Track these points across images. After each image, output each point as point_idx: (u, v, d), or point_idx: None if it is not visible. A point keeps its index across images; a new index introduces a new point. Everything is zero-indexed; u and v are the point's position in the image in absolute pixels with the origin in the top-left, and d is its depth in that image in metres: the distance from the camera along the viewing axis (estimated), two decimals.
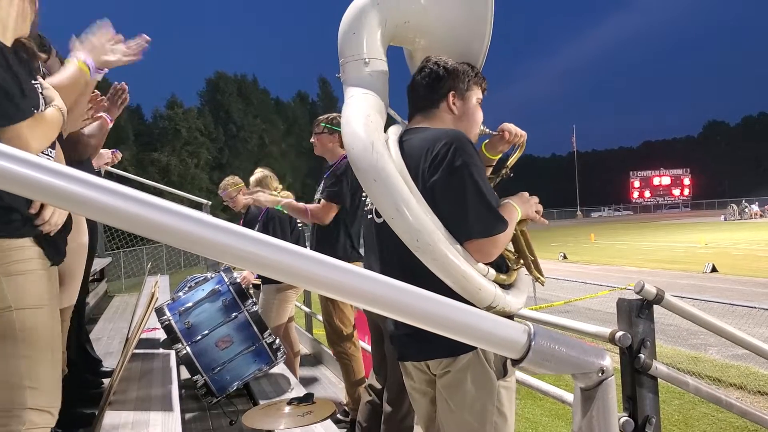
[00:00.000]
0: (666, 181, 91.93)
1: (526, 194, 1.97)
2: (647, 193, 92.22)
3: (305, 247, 3.23)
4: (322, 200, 3.86)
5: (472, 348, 1.76)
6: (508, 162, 2.12)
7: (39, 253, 1.80)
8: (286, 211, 4.03)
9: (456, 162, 1.73)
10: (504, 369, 1.81)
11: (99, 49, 2.10)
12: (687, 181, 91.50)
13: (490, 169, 2.15)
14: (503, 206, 1.87)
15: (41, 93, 1.84)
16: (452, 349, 1.78)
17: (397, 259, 1.79)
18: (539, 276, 1.99)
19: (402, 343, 1.97)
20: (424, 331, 0.89)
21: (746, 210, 49.79)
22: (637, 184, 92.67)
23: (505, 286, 1.84)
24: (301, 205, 3.94)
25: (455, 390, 1.82)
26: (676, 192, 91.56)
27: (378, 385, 3.18)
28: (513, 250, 1.96)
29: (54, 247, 1.87)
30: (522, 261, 1.94)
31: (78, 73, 2.05)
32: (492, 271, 1.77)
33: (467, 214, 1.71)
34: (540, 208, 1.99)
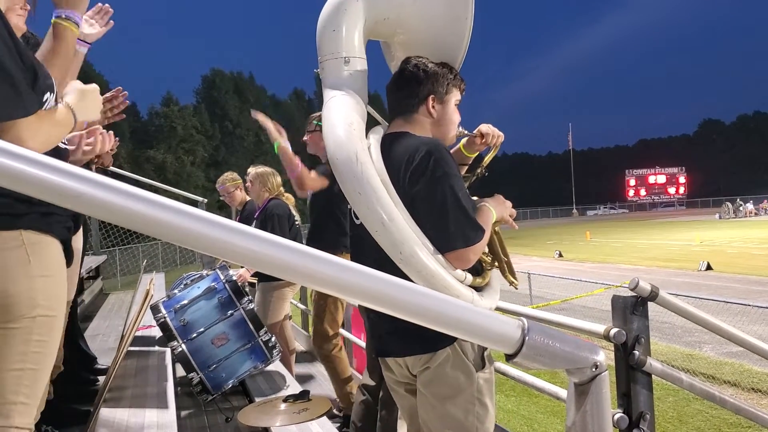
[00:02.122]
0: (661, 179, 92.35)
1: (501, 196, 2.01)
2: (643, 192, 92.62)
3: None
4: (313, 171, 3.65)
5: (450, 342, 1.79)
6: (484, 161, 2.16)
7: (63, 260, 1.70)
8: (278, 153, 3.46)
9: (437, 173, 1.74)
10: (482, 361, 1.84)
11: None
12: (682, 180, 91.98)
13: (466, 167, 2.19)
14: (480, 210, 1.89)
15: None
16: (430, 344, 1.81)
17: (375, 258, 1.73)
18: (513, 280, 2.02)
19: (383, 340, 1.99)
20: (405, 329, 0.89)
21: (741, 208, 50.01)
22: (632, 182, 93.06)
23: (480, 288, 1.87)
24: (297, 159, 3.53)
25: (436, 385, 1.83)
26: (672, 190, 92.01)
27: (372, 383, 3.18)
28: (488, 252, 1.98)
29: (68, 250, 1.79)
30: (497, 263, 1.97)
31: (66, 35, 1.69)
32: (469, 277, 1.80)
33: (448, 224, 1.73)
34: (513, 211, 2.02)
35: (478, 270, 1.89)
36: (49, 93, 1.55)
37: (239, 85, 66.42)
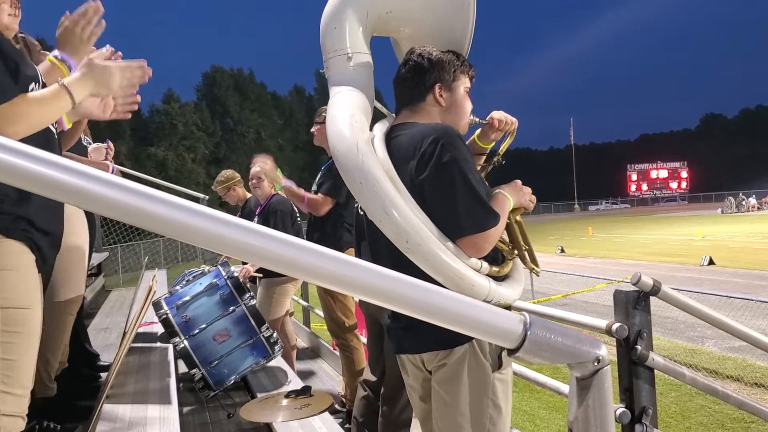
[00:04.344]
0: (663, 174, 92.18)
1: (519, 182, 1.94)
2: (645, 186, 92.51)
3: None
4: (320, 193, 3.89)
5: (467, 340, 1.75)
6: (500, 149, 2.09)
7: (30, 256, 1.74)
8: (283, 193, 4.08)
9: (444, 158, 1.70)
10: (499, 361, 1.80)
11: (103, 76, 1.70)
12: (684, 174, 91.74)
13: (483, 157, 2.13)
14: (495, 197, 1.84)
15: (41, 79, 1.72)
16: (447, 341, 1.77)
17: (388, 252, 1.74)
18: (534, 267, 1.95)
19: (398, 336, 1.96)
20: (420, 325, 0.89)
21: (743, 203, 49.93)
22: (634, 177, 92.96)
23: (500, 278, 1.81)
24: (301, 191, 4.02)
25: (451, 383, 1.80)
26: (674, 185, 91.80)
27: (373, 379, 3.19)
28: (507, 240, 1.92)
29: (43, 256, 1.80)
30: (516, 251, 1.90)
31: (54, 71, 1.80)
32: (485, 265, 1.74)
33: (457, 210, 1.69)
34: (533, 197, 1.97)
35: (497, 259, 1.83)
36: (34, 83, 1.67)
37: (240, 82, 66.32)
